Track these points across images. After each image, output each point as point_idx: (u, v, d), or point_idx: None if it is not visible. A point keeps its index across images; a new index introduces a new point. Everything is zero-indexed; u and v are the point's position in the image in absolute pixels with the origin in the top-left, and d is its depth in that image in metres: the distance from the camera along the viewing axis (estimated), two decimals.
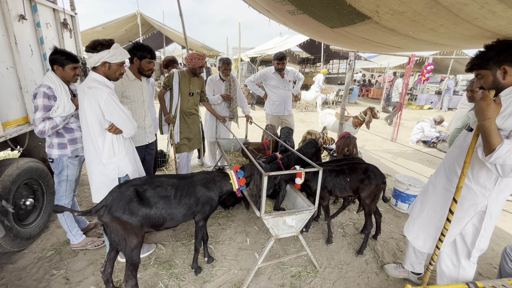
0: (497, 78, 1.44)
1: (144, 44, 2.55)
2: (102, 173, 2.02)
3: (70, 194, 2.42)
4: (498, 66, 1.42)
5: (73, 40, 3.50)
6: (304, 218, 2.16)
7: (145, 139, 2.75)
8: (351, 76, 5.04)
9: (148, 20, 11.52)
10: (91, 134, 1.92)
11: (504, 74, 1.42)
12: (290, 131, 3.72)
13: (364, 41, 2.43)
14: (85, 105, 1.86)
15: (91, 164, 2.03)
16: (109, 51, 1.87)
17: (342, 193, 2.51)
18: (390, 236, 3.02)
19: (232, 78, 4.00)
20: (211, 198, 2.04)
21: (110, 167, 2.02)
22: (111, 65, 1.94)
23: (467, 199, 1.66)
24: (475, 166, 1.59)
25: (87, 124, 1.90)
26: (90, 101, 1.84)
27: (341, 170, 2.49)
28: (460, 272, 1.79)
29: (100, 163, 1.99)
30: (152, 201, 1.80)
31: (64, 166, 2.31)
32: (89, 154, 2.01)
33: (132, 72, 2.55)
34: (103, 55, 1.87)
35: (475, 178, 1.62)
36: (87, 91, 1.83)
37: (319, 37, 2.92)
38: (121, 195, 1.72)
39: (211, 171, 2.27)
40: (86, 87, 1.84)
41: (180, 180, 1.97)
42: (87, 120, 1.89)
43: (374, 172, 2.47)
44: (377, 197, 2.54)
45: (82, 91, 1.85)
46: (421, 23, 1.51)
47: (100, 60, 1.87)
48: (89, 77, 1.94)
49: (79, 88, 1.94)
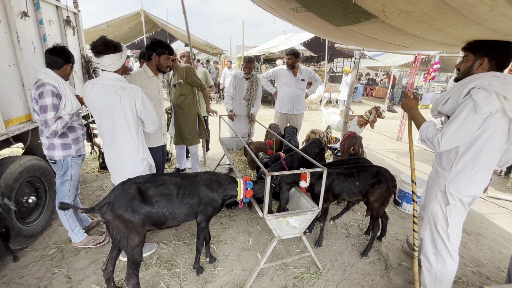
0: (473, 66, 1.65)
1: (162, 39, 2.54)
2: (137, 170, 2.16)
3: (72, 194, 2.41)
4: (480, 56, 1.61)
5: (76, 37, 3.49)
6: (308, 219, 2.12)
7: (162, 140, 2.71)
8: (355, 74, 4.98)
9: (151, 18, 11.52)
10: (130, 133, 2.06)
11: (479, 65, 1.62)
12: (295, 131, 3.68)
13: (369, 39, 2.37)
14: (123, 104, 1.96)
15: (126, 161, 2.15)
16: (125, 49, 2.04)
17: (350, 197, 2.46)
18: (395, 238, 2.97)
19: (255, 77, 4.01)
20: (214, 200, 2.02)
21: (144, 162, 2.21)
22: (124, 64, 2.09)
23: (434, 180, 1.90)
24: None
25: (127, 123, 2.03)
26: (129, 100, 1.97)
27: (350, 173, 2.43)
28: (438, 264, 1.86)
29: (138, 159, 2.16)
30: (154, 200, 1.78)
31: (69, 166, 2.30)
32: (126, 153, 2.13)
33: (151, 69, 2.51)
34: (125, 52, 2.02)
35: (439, 161, 1.87)
36: (121, 92, 1.95)
37: (324, 35, 2.86)
38: (124, 193, 1.70)
39: (216, 172, 2.24)
40: (119, 88, 1.95)
41: (183, 179, 1.95)
42: (127, 119, 2.01)
43: (385, 176, 2.41)
44: (387, 201, 2.48)
45: (115, 92, 1.94)
46: (429, 23, 1.46)
47: (125, 58, 2.02)
48: (108, 77, 1.98)
49: (99, 89, 1.97)
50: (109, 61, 1.92)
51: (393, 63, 12.08)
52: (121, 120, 2.01)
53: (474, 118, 1.54)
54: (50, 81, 2.09)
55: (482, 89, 1.50)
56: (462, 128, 1.56)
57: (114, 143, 2.11)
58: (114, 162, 2.20)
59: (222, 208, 2.26)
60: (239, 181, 2.17)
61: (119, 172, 2.22)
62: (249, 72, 3.92)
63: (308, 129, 5.05)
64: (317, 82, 4.48)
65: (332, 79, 16.07)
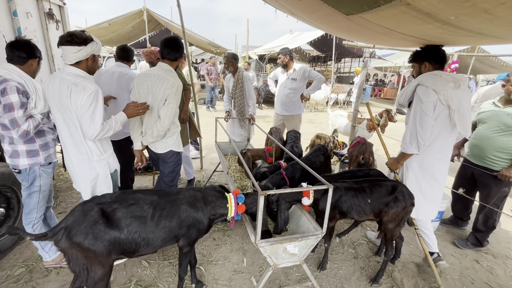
0: (421, 70, 2.11)
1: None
2: (92, 172, 1.97)
3: (42, 206, 2.12)
4: (422, 61, 2.09)
5: (60, 32, 3.22)
6: (310, 244, 1.79)
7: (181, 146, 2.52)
8: (365, 74, 4.61)
9: (154, 16, 11.28)
10: (81, 133, 1.83)
11: (425, 68, 2.08)
12: (298, 135, 3.34)
13: (385, 32, 2.03)
14: (72, 102, 1.73)
15: (81, 163, 1.94)
16: (96, 43, 1.82)
17: (360, 217, 2.12)
18: (410, 260, 2.61)
19: (240, 74, 3.73)
20: (199, 221, 1.70)
21: (102, 164, 1.98)
22: (95, 57, 1.88)
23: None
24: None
25: (76, 123, 1.80)
26: (77, 97, 1.72)
27: (360, 189, 2.09)
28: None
29: (91, 162, 1.93)
30: (123, 223, 1.47)
31: (36, 175, 2.02)
32: (78, 154, 1.92)
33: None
34: (93, 47, 1.80)
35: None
36: (73, 88, 1.71)
37: (330, 28, 2.52)
38: (84, 216, 1.39)
39: (203, 187, 1.93)
40: (71, 84, 1.72)
41: (161, 197, 1.64)
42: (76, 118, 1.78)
43: (402, 193, 2.06)
44: (403, 221, 2.13)
45: (67, 88, 1.71)
46: (473, 1, 1.11)
47: (90, 53, 1.80)
48: (68, 72, 1.79)
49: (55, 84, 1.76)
50: (65, 52, 1.75)
51: (403, 63, 11.62)
52: (72, 117, 1.78)
53: (422, 107, 1.94)
54: (13, 77, 1.81)
55: (422, 85, 1.97)
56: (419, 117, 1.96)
57: (69, 142, 1.91)
58: (71, 164, 1.98)
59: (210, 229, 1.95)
60: (228, 196, 1.85)
61: (78, 174, 2.00)
62: (227, 68, 3.77)
63: (313, 132, 4.70)
64: (317, 81, 4.08)
65: (340, 80, 15.61)
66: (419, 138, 1.98)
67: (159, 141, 2.31)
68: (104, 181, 2.02)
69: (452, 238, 3.02)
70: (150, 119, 2.25)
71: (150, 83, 2.16)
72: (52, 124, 2.11)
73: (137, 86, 2.24)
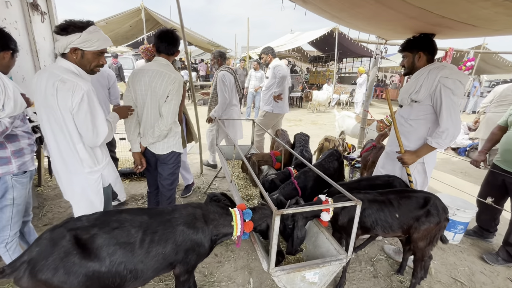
0: (414, 60, 2.02)
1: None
2: (84, 185, 1.70)
3: (18, 221, 1.83)
4: (416, 51, 1.99)
5: (46, 25, 2.93)
6: (332, 271, 1.49)
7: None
8: (375, 73, 4.33)
9: (152, 14, 11.01)
10: (69, 139, 1.58)
11: (418, 58, 2.00)
12: (307, 138, 3.05)
13: (420, 14, 1.72)
14: (59, 102, 1.48)
15: (70, 174, 1.68)
16: (80, 34, 1.50)
17: (386, 233, 1.83)
18: (437, 279, 2.32)
19: (217, 73, 3.60)
20: (199, 244, 1.40)
21: (94, 177, 1.71)
22: (84, 53, 1.57)
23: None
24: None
25: (65, 127, 1.54)
26: (65, 96, 1.47)
27: (386, 201, 1.80)
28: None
29: (82, 173, 1.66)
30: (104, 252, 1.17)
31: (9, 187, 1.72)
32: (63, 165, 1.66)
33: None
34: (73, 39, 1.49)
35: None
36: (59, 85, 1.47)
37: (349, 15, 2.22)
38: (52, 246, 1.10)
39: (203, 203, 1.63)
40: (58, 80, 1.47)
41: (152, 217, 1.34)
42: (65, 121, 1.53)
43: (435, 206, 1.77)
44: (436, 238, 1.84)
45: (53, 84, 1.47)
46: None
47: (68, 45, 1.50)
48: (57, 65, 1.55)
49: (43, 79, 1.51)
50: (57, 44, 1.53)
51: None
52: (58, 120, 1.53)
53: (454, 100, 1.86)
54: None
55: (449, 78, 1.85)
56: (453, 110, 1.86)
57: (54, 149, 1.64)
58: (59, 173, 1.72)
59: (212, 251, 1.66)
60: (233, 212, 1.56)
61: (66, 185, 1.75)
62: (213, 65, 3.76)
63: (317, 134, 4.41)
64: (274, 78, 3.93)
65: (341, 80, 15.36)
66: (456, 132, 1.88)
67: (160, 142, 2.14)
68: (94, 197, 1.75)
69: (479, 252, 2.73)
70: (150, 118, 2.06)
71: (148, 79, 1.97)
72: (28, 127, 1.81)
73: (133, 84, 2.03)
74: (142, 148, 2.17)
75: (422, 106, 2.01)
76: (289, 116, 9.99)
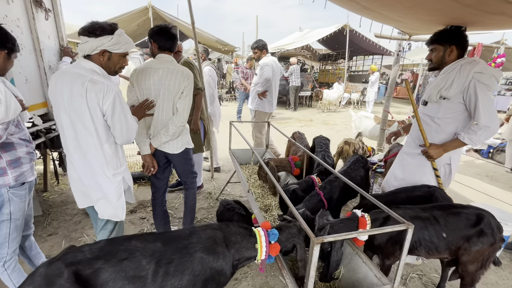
0: (445, 54, 1.89)
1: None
2: (108, 188, 1.63)
3: (16, 238, 1.66)
4: (449, 45, 1.87)
5: (51, 23, 2.77)
6: None
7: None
8: (397, 70, 4.06)
9: (160, 14, 10.86)
10: (97, 140, 1.53)
11: (450, 53, 1.87)
12: (328, 142, 2.82)
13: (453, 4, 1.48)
14: (89, 102, 1.45)
15: (96, 178, 1.61)
16: (112, 37, 1.49)
17: (431, 254, 1.59)
18: None
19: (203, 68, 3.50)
20: (219, 272, 1.20)
21: (117, 179, 1.66)
22: (111, 55, 1.55)
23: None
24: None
25: (93, 127, 1.50)
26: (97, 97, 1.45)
27: (431, 218, 1.56)
28: None
29: (107, 176, 1.61)
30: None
31: (5, 200, 1.55)
32: (93, 166, 1.59)
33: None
34: (104, 42, 1.48)
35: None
36: (89, 85, 1.44)
37: (380, 5, 1.98)
38: (47, 285, 0.90)
39: (222, 224, 1.41)
40: (87, 81, 1.44)
41: (167, 244, 1.13)
42: (94, 121, 1.49)
43: (489, 225, 1.52)
44: (489, 262, 1.60)
45: (82, 85, 1.43)
46: None
47: (98, 47, 1.49)
48: (80, 66, 1.51)
49: (66, 80, 1.45)
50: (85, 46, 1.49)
51: (421, 60, 10.95)
52: (86, 121, 1.48)
53: (490, 95, 1.75)
54: None
55: (483, 73, 1.72)
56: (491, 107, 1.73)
57: (76, 152, 1.57)
58: (81, 179, 1.62)
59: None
60: (257, 232, 1.35)
61: (84, 191, 1.66)
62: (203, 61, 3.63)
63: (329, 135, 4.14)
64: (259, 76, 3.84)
65: (351, 79, 14.98)
66: (495, 130, 1.78)
67: (173, 140, 2.06)
68: (116, 202, 1.68)
69: None
70: (162, 117, 1.99)
71: (158, 78, 1.92)
72: (26, 134, 1.64)
73: (138, 83, 1.94)
74: (153, 149, 2.06)
75: (452, 103, 1.86)
76: (300, 116, 9.74)
